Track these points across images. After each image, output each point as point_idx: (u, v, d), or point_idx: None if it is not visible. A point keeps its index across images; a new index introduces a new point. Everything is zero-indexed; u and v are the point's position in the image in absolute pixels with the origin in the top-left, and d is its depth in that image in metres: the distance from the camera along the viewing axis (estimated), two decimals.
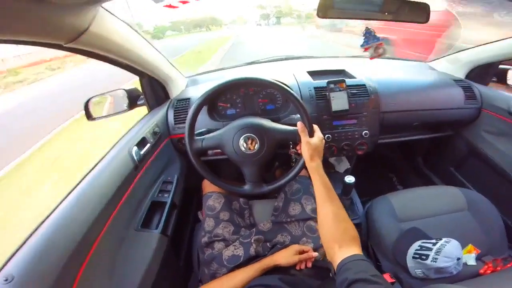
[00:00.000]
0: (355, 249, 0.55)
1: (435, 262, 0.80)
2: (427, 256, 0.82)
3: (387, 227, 0.97)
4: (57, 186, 2.93)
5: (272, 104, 1.12)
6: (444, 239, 0.84)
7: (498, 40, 1.10)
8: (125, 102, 1.06)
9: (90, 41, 0.64)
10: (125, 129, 0.99)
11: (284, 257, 0.79)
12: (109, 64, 0.84)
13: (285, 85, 0.84)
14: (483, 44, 1.18)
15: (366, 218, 1.08)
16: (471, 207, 0.99)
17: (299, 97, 0.81)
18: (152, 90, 1.10)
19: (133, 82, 1.14)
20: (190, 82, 1.31)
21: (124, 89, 1.05)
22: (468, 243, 0.88)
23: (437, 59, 1.42)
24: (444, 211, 0.99)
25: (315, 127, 0.79)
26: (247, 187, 0.88)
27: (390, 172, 1.80)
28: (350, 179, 1.05)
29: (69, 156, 3.62)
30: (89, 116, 1.01)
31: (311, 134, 0.78)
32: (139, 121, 1.04)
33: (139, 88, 1.10)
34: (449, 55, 1.36)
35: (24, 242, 0.55)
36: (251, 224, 1.01)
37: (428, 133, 1.35)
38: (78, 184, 0.71)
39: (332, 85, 1.06)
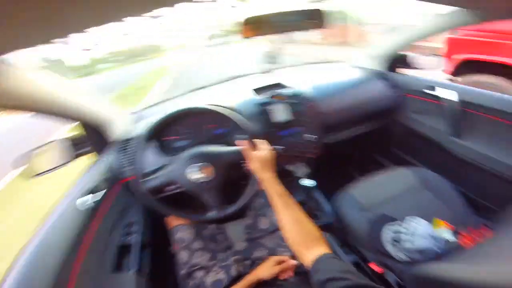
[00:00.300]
0: (321, 249, 0.57)
1: (412, 243, 0.83)
2: (400, 239, 0.85)
3: (355, 220, 1.01)
4: None
5: (222, 127, 1.10)
6: (407, 219, 0.90)
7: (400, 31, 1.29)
8: (70, 151, 1.00)
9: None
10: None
11: (264, 270, 0.80)
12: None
13: (220, 107, 0.88)
14: (389, 36, 1.37)
15: (335, 216, 1.12)
16: (424, 184, 1.08)
17: (233, 117, 0.86)
18: (94, 135, 1.04)
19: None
20: (137, 118, 1.26)
21: (67, 138, 0.99)
22: (431, 217, 0.92)
23: (359, 57, 1.59)
24: (401, 192, 1.07)
25: (259, 140, 0.83)
26: (212, 213, 0.89)
27: (348, 166, 1.92)
28: (309, 182, 1.10)
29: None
30: (33, 172, 0.94)
31: (253, 149, 0.81)
32: (86, 170, 0.98)
33: (81, 134, 1.03)
34: (365, 51, 1.54)
35: None
36: (227, 247, 1.00)
37: (368, 125, 1.48)
38: (29, 243, 0.65)
39: (271, 99, 1.13)
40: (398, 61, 1.42)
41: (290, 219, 0.66)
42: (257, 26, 0.86)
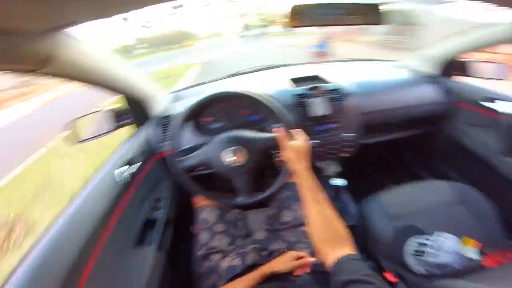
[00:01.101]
0: (347, 249, 0.55)
1: (435, 258, 0.80)
2: (424, 252, 0.82)
3: (381, 227, 0.98)
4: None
5: (256, 114, 1.13)
6: (436, 233, 0.85)
7: (461, 35, 1.17)
8: (110, 122, 1.06)
9: (60, 67, 0.64)
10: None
11: (280, 263, 0.79)
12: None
13: (257, 94, 0.87)
14: (448, 39, 1.24)
15: (360, 220, 1.09)
16: (462, 200, 1.00)
17: (271, 104, 0.84)
18: (136, 109, 1.10)
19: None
20: (175, 97, 1.32)
21: (109, 109, 1.05)
22: (461, 235, 0.87)
23: (410, 57, 1.48)
24: (436, 206, 1.00)
25: (297, 130, 0.81)
26: (240, 198, 0.89)
27: (381, 172, 1.83)
28: (339, 181, 1.07)
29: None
30: (75, 137, 1.01)
31: (289, 138, 0.79)
32: (125, 141, 1.04)
33: (124, 107, 1.10)
34: (418, 52, 1.43)
35: (16, 269, 0.54)
36: (246, 234, 1.01)
37: (410, 130, 1.39)
38: (66, 208, 0.70)
39: (311, 91, 1.10)
40: (456, 66, 1.30)
41: (318, 214, 0.64)
42: (304, 15, 0.82)
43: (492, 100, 1.10)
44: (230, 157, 0.84)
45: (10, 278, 0.51)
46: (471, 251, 0.84)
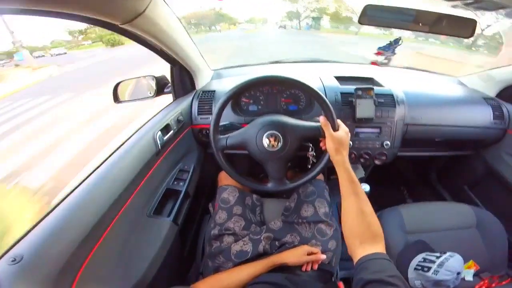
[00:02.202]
0: (376, 247, 0.54)
1: (436, 275, 0.80)
2: (429, 268, 0.83)
3: (394, 237, 0.98)
4: None
5: (295, 105, 1.12)
6: (448, 253, 0.85)
7: None
8: (152, 89, 1.09)
9: (142, 25, 0.67)
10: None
11: (293, 256, 0.80)
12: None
13: (308, 83, 0.84)
14: None
15: None
16: (479, 225, 0.99)
17: (323, 96, 0.81)
18: (180, 79, 1.12)
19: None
20: (215, 75, 1.33)
21: (153, 76, 1.07)
22: (470, 259, 0.88)
23: (469, 75, 1.38)
24: (452, 227, 1.00)
25: (339, 121, 0.78)
26: (270, 184, 0.88)
27: (401, 184, 1.78)
28: (364, 187, 1.05)
29: None
30: (116, 98, 1.05)
31: (335, 128, 0.77)
32: (165, 107, 1.07)
33: (167, 77, 1.12)
34: (481, 72, 1.31)
35: (37, 223, 0.54)
36: (261, 221, 1.02)
37: (449, 150, 1.32)
38: (99, 165, 0.71)
39: (359, 92, 1.05)
40: None
41: (354, 206, 0.62)
42: (375, 15, 0.81)
43: None
44: (267, 141, 0.83)
45: (28, 233, 0.53)
46: (468, 272, 0.88)
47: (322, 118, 0.77)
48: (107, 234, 0.63)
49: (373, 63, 1.09)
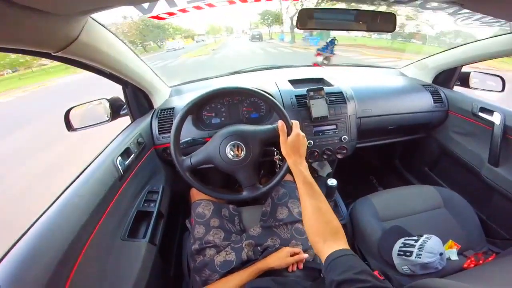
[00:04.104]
0: (339, 243, 0.55)
1: (419, 258, 0.83)
2: (411, 252, 0.85)
3: (370, 227, 1.01)
4: None
5: (256, 112, 1.15)
6: (425, 236, 0.89)
7: (461, 45, 1.21)
8: (107, 112, 1.04)
9: (79, 51, 0.64)
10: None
11: (276, 260, 0.80)
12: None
13: (266, 92, 0.87)
14: (447, 50, 1.29)
15: (351, 219, 1.12)
16: (446, 204, 1.06)
17: (277, 102, 0.84)
18: (136, 100, 1.09)
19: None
20: (174, 91, 1.31)
21: (106, 99, 1.03)
22: (447, 238, 0.92)
23: (407, 65, 1.53)
24: (422, 209, 1.05)
25: (295, 123, 0.80)
26: (245, 193, 0.89)
27: (370, 174, 1.89)
28: (332, 181, 1.10)
29: None
30: (69, 127, 0.98)
31: (289, 131, 0.79)
32: (122, 131, 1.03)
33: (121, 98, 1.08)
34: (417, 61, 1.46)
35: (9, 251, 0.52)
36: (241, 230, 1.01)
37: (403, 136, 1.43)
38: (62, 192, 0.69)
39: (311, 93, 1.11)
40: (455, 77, 1.34)
41: (311, 207, 0.64)
42: (312, 19, 0.84)
43: (483, 110, 1.14)
44: (231, 152, 0.84)
45: (1, 260, 0.50)
46: (451, 252, 0.90)
47: (279, 122, 0.80)
48: (82, 260, 0.61)
49: (315, 64, 1.16)
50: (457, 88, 1.36)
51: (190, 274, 0.92)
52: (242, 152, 0.85)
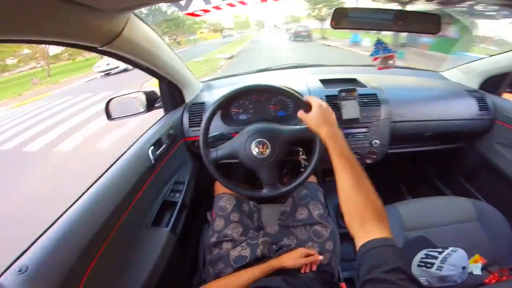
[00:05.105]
0: (380, 228, 0.47)
1: (440, 270, 0.80)
2: (432, 264, 0.82)
3: (393, 235, 0.97)
4: None
5: (283, 111, 1.15)
6: (450, 248, 0.85)
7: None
8: (143, 104, 1.11)
9: (122, 46, 0.69)
10: None
11: (290, 259, 0.80)
12: None
13: (294, 91, 0.86)
14: (497, 54, 1.18)
15: None
16: (480, 218, 0.99)
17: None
18: (169, 93, 1.15)
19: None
20: (205, 87, 1.36)
21: (143, 92, 1.10)
22: (474, 253, 0.87)
23: (450, 69, 1.42)
24: (453, 221, 0.99)
25: (310, 99, 0.78)
26: (265, 190, 0.90)
27: (399, 181, 1.79)
28: None
29: None
30: (109, 116, 1.07)
31: (306, 109, 0.77)
32: (156, 122, 1.09)
33: (157, 91, 1.15)
34: (461, 65, 1.35)
35: (41, 235, 0.57)
36: (259, 227, 1.03)
37: (440, 144, 1.34)
38: (97, 180, 0.74)
39: (343, 94, 1.08)
40: (505, 83, 1.23)
41: (347, 182, 0.56)
42: (346, 18, 0.82)
43: None
44: (256, 149, 0.86)
45: (33, 244, 0.55)
46: (475, 266, 0.84)
47: (299, 112, 0.78)
48: (108, 244, 0.66)
49: (380, 68, 1.11)
50: (506, 96, 1.24)
51: (204, 266, 0.95)
52: (267, 150, 0.86)
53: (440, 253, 0.84)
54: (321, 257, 0.82)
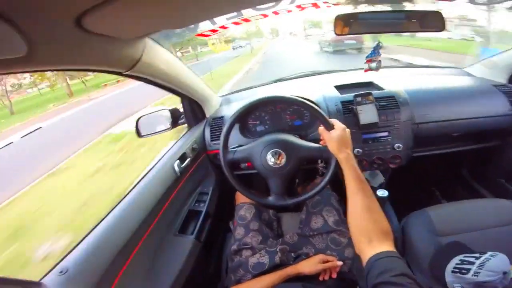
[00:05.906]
0: (385, 245, 0.52)
1: (477, 276, 0.74)
2: (468, 270, 0.76)
3: (423, 241, 0.93)
4: None
5: (300, 120, 1.16)
6: (489, 253, 0.78)
7: None
8: (168, 121, 1.20)
9: (143, 69, 0.76)
10: None
11: (308, 265, 0.81)
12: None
13: (307, 99, 0.88)
14: None
15: (402, 233, 1.03)
16: None
17: (316, 108, 0.84)
18: (191, 110, 1.22)
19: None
20: (224, 101, 1.42)
21: (168, 109, 1.19)
22: None
23: (472, 64, 1.35)
24: (492, 225, 0.92)
25: (334, 121, 0.80)
26: (270, 198, 0.91)
27: (432, 185, 1.69)
28: (383, 192, 1.03)
29: None
30: (139, 133, 1.17)
31: (329, 129, 0.78)
32: (180, 138, 1.17)
33: (180, 108, 1.23)
34: (484, 59, 1.29)
35: (81, 241, 0.65)
36: (279, 235, 1.04)
37: (472, 143, 1.26)
38: (129, 192, 0.83)
39: (358, 99, 1.06)
40: None
41: (360, 204, 0.61)
42: (349, 23, 0.84)
43: None
44: (271, 158, 0.88)
45: (73, 249, 0.63)
46: None
47: (320, 128, 0.80)
48: (138, 250, 0.73)
49: (366, 70, 1.11)
50: None
51: (227, 273, 0.98)
52: (283, 160, 0.87)
53: (477, 258, 0.78)
54: (340, 263, 0.81)
